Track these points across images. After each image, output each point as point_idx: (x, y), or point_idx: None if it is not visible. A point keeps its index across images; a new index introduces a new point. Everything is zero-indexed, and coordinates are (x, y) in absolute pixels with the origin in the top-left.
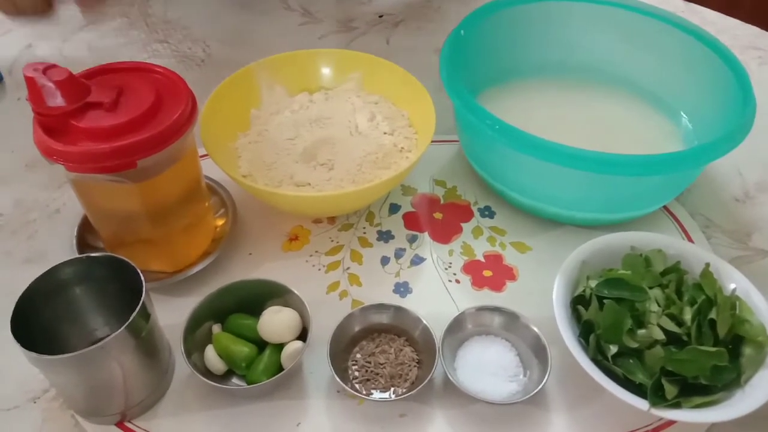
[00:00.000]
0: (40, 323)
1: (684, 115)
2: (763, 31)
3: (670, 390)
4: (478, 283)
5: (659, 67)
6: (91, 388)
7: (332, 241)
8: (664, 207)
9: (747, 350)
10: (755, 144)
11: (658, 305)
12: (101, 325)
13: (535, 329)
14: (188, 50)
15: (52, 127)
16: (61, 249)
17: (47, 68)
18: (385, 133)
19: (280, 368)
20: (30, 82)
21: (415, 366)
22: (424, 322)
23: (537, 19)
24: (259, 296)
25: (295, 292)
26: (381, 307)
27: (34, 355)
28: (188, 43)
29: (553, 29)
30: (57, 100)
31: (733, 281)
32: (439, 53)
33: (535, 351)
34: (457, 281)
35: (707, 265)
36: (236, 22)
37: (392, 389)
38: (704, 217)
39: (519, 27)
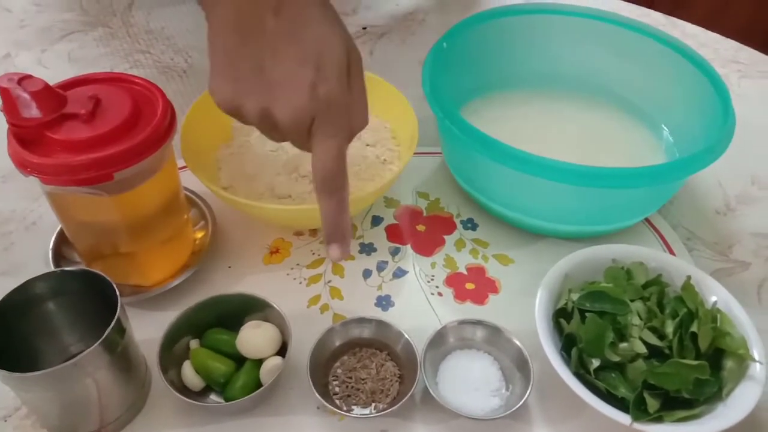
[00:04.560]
0: (12, 339)
1: (665, 128)
2: (743, 46)
3: (652, 404)
4: (461, 296)
5: (641, 80)
6: (65, 406)
7: (314, 253)
8: (646, 219)
9: (728, 363)
10: (736, 157)
11: (640, 318)
12: (76, 341)
13: (518, 343)
14: (170, 61)
15: (27, 138)
16: (38, 261)
17: (22, 78)
18: (367, 145)
19: (259, 384)
20: (4, 92)
21: (396, 381)
22: (406, 336)
23: (520, 31)
24: (238, 311)
25: (275, 306)
26: (362, 321)
27: (3, 372)
28: (170, 53)
29: (537, 42)
30: (32, 111)
31: (715, 294)
32: (422, 65)
33: (518, 365)
34: (440, 294)
35: (688, 277)
36: None
37: (373, 405)
38: (686, 229)
39: (502, 39)
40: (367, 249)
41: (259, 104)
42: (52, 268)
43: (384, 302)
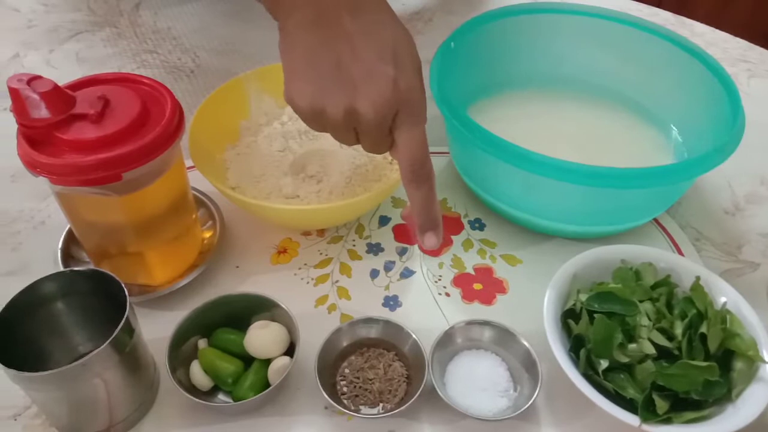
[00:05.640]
0: (21, 338)
1: (674, 128)
2: (752, 45)
3: (661, 405)
4: (468, 296)
5: (649, 79)
6: (74, 405)
7: (321, 253)
8: (655, 220)
9: (738, 364)
10: (744, 156)
11: (649, 319)
12: (85, 340)
13: (526, 344)
14: (178, 61)
15: (37, 139)
16: (46, 261)
17: (32, 79)
18: None
19: (267, 384)
20: (14, 93)
21: (404, 381)
22: (414, 336)
23: (527, 30)
24: (246, 310)
25: (283, 306)
26: (370, 321)
27: (13, 372)
28: (178, 53)
29: (544, 41)
30: (41, 112)
31: (724, 294)
32: (429, 65)
33: (526, 366)
34: (447, 294)
35: (697, 278)
36: (226, 32)
37: (381, 405)
38: (694, 229)
39: (509, 39)
40: (375, 249)
41: (344, 102)
42: (60, 267)
43: (391, 302)
